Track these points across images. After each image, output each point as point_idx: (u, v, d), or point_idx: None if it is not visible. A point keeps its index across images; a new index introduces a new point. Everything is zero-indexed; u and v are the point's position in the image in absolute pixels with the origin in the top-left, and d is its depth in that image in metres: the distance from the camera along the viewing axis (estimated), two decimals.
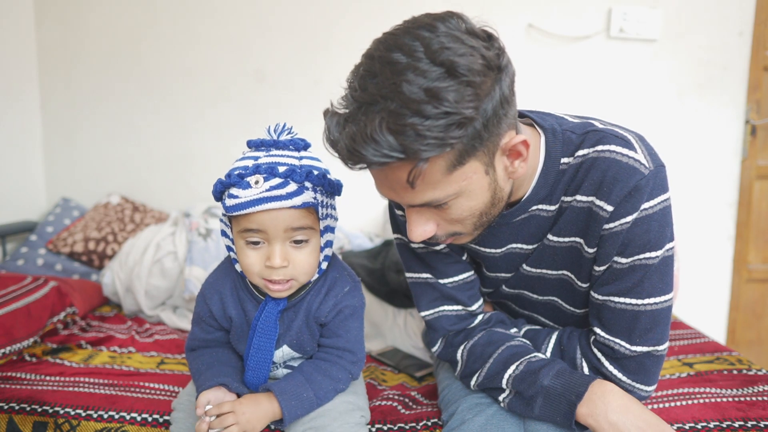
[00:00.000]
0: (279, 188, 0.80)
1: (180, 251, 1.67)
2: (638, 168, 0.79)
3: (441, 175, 0.72)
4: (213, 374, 0.90)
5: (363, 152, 0.67)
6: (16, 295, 1.39)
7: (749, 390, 1.09)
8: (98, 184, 2.22)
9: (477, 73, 0.66)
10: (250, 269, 0.85)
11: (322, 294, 0.92)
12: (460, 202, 0.76)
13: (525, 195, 0.86)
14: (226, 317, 0.94)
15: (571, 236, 0.87)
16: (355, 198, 2.04)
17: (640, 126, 0.90)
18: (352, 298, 0.94)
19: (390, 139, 0.65)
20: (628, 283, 0.82)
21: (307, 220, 0.84)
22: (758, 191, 2.11)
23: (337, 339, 0.93)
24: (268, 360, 0.91)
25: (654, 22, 1.97)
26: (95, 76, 2.18)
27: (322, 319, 0.92)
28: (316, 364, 0.93)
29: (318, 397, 0.90)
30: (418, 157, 0.67)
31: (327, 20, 2.06)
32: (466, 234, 0.83)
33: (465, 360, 0.96)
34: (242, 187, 0.80)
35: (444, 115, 0.65)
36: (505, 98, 0.71)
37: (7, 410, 1.08)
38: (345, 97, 0.71)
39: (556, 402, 0.83)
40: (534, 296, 0.99)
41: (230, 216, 0.84)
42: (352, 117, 0.68)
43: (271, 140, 0.86)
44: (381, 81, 0.67)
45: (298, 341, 0.93)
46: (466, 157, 0.71)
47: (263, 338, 0.90)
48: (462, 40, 0.67)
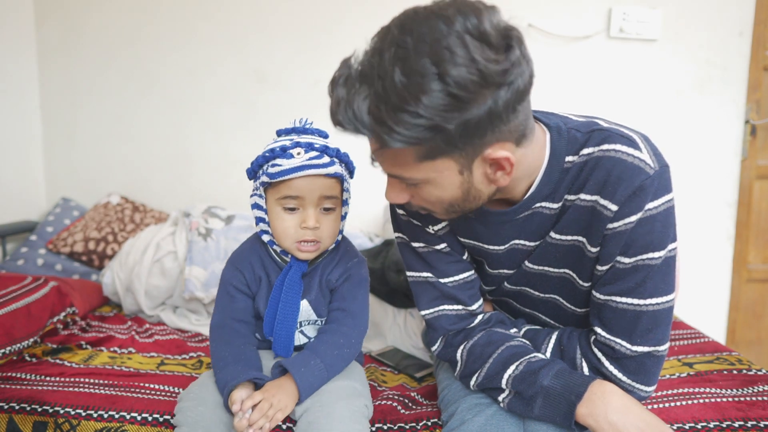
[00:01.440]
0: (317, 159, 0.96)
1: (180, 251, 1.67)
2: (643, 168, 0.78)
3: (411, 160, 0.74)
4: (241, 370, 0.95)
5: (340, 117, 0.71)
6: (16, 295, 1.39)
7: (749, 390, 1.09)
8: (98, 184, 2.22)
9: (464, 87, 0.65)
10: (285, 232, 0.99)
11: (335, 263, 1.06)
12: (428, 189, 0.78)
13: (528, 192, 0.86)
14: (256, 278, 1.06)
15: (574, 234, 0.87)
16: (355, 198, 2.04)
17: (640, 126, 0.90)
18: (361, 268, 1.07)
19: (366, 118, 0.69)
20: (631, 283, 0.82)
21: (335, 190, 1.00)
22: (758, 191, 2.11)
23: (343, 301, 1.05)
24: (295, 313, 1.03)
25: (654, 22, 1.97)
26: (95, 76, 2.18)
27: (333, 283, 1.05)
28: (318, 337, 1.03)
29: (325, 363, 0.96)
30: (385, 144, 0.70)
31: (327, 20, 2.06)
32: (438, 214, 0.86)
33: (464, 360, 0.96)
34: (286, 158, 0.95)
35: (416, 115, 0.66)
36: (496, 113, 0.69)
37: (7, 410, 1.08)
38: (364, 53, 0.71)
39: (555, 402, 0.83)
40: (536, 293, 0.99)
41: (270, 185, 0.98)
42: (349, 81, 0.70)
43: (301, 127, 1.03)
44: (383, 60, 0.68)
45: (315, 299, 1.06)
46: (437, 154, 0.72)
47: (290, 293, 1.02)
48: (468, 47, 0.65)
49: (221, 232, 1.69)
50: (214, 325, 1.05)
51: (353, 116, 0.69)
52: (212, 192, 2.17)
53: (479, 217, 0.92)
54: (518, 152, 0.78)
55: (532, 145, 0.81)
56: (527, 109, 0.75)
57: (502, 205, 0.91)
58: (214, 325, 1.05)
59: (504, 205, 0.91)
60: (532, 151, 0.82)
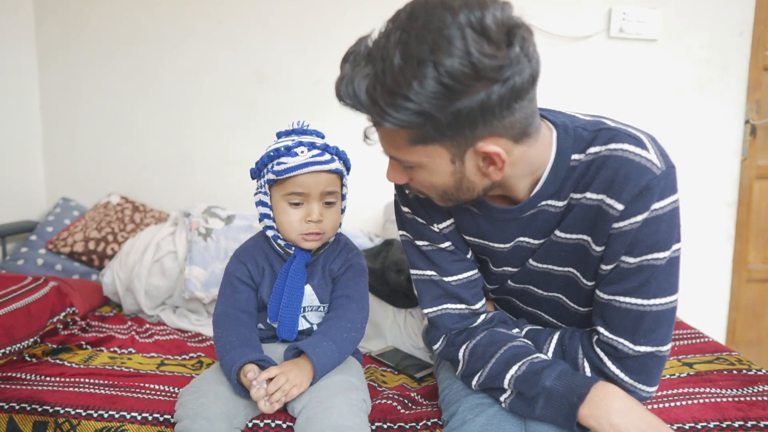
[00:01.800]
0: (319, 156, 1.02)
1: (180, 251, 1.67)
2: (650, 168, 0.79)
3: (403, 143, 0.76)
4: (249, 352, 0.99)
5: (342, 92, 0.73)
6: (16, 295, 1.39)
7: (749, 390, 1.09)
8: (98, 184, 2.22)
9: (455, 78, 0.66)
10: (290, 226, 1.05)
11: (336, 254, 1.13)
12: (421, 174, 0.80)
13: (534, 190, 0.86)
14: (259, 270, 1.11)
15: (579, 233, 0.87)
16: (356, 198, 2.04)
17: (640, 126, 0.90)
18: (360, 258, 1.14)
19: (363, 96, 0.72)
20: (635, 283, 0.82)
21: (336, 185, 1.06)
22: (758, 191, 2.11)
23: (346, 289, 1.10)
24: (299, 297, 1.07)
25: (654, 22, 1.97)
26: (95, 76, 2.18)
27: (335, 272, 1.11)
28: (326, 322, 1.07)
29: (337, 345, 1.01)
30: (377, 123, 0.73)
31: (327, 20, 2.06)
32: (435, 199, 0.87)
33: (467, 360, 0.96)
34: (291, 156, 1.01)
35: (407, 99, 0.68)
36: (488, 108, 0.69)
37: (7, 410, 1.08)
38: (378, 33, 0.73)
39: (557, 403, 0.83)
40: (539, 292, 0.99)
41: (276, 183, 1.04)
42: (357, 59, 0.73)
43: (300, 129, 1.08)
44: (389, 42, 0.69)
45: (317, 285, 1.11)
46: (428, 141, 0.74)
47: (295, 278, 1.07)
48: (466, 39, 0.66)
49: (221, 232, 1.69)
50: (218, 314, 1.08)
51: (352, 93, 0.72)
52: (212, 192, 2.17)
53: (485, 213, 0.92)
54: (517, 149, 0.78)
55: (536, 143, 0.81)
56: (528, 107, 0.74)
57: (507, 203, 0.91)
58: (217, 314, 1.08)
59: (509, 202, 0.91)
60: (537, 149, 0.82)
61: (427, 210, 0.96)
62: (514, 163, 0.79)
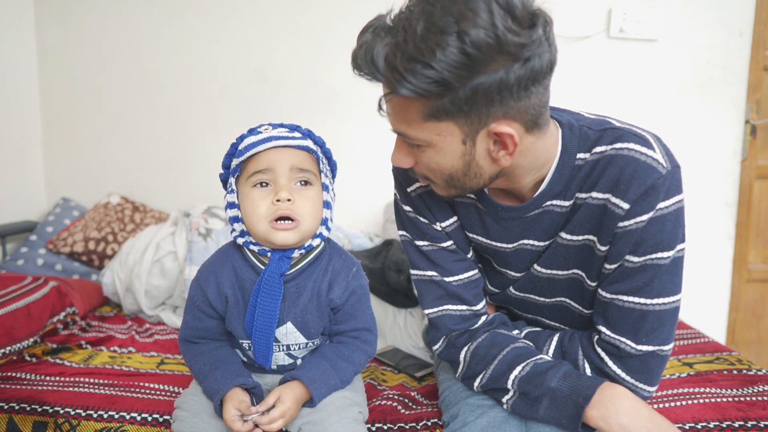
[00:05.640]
0: (287, 133, 0.92)
1: (180, 251, 1.67)
2: (656, 167, 0.79)
3: (416, 117, 0.75)
4: (223, 376, 0.92)
5: (359, 60, 0.73)
6: (16, 295, 1.39)
7: (749, 390, 1.09)
8: (98, 184, 2.22)
9: (479, 48, 0.66)
10: (257, 211, 0.89)
11: (329, 274, 0.97)
12: (429, 154, 0.79)
13: (540, 189, 0.86)
14: (221, 298, 0.96)
15: (585, 234, 0.87)
16: (355, 198, 2.04)
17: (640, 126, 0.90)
18: (361, 278, 1.01)
19: (381, 62, 0.72)
20: (638, 282, 0.82)
21: (308, 164, 0.93)
22: (758, 191, 2.10)
23: (356, 321, 1.00)
24: (272, 322, 0.92)
25: (654, 22, 1.97)
26: (95, 77, 2.18)
27: (336, 302, 0.97)
28: (338, 351, 0.98)
29: (342, 381, 0.96)
30: (394, 89, 0.71)
31: (327, 20, 2.06)
32: (439, 186, 0.86)
33: (468, 362, 0.95)
34: (254, 134, 0.92)
35: (428, 67, 0.67)
36: (506, 86, 0.70)
37: (7, 410, 1.08)
38: (399, 10, 0.73)
39: (562, 404, 0.83)
40: (541, 299, 0.99)
41: (241, 172, 0.92)
42: (377, 30, 0.73)
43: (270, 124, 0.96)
44: (412, 14, 0.70)
45: (302, 320, 0.95)
46: (442, 116, 0.73)
47: (267, 297, 0.91)
48: (492, 13, 0.66)
49: (221, 232, 1.69)
50: (182, 339, 1.00)
51: (370, 60, 0.72)
52: (212, 192, 2.16)
53: (490, 211, 0.92)
54: (527, 138, 0.78)
55: (545, 137, 0.81)
56: (543, 95, 0.75)
57: (512, 201, 0.91)
58: (181, 339, 1.00)
59: (514, 200, 0.91)
60: (543, 144, 0.82)
61: (429, 208, 0.96)
62: (523, 152, 0.79)
